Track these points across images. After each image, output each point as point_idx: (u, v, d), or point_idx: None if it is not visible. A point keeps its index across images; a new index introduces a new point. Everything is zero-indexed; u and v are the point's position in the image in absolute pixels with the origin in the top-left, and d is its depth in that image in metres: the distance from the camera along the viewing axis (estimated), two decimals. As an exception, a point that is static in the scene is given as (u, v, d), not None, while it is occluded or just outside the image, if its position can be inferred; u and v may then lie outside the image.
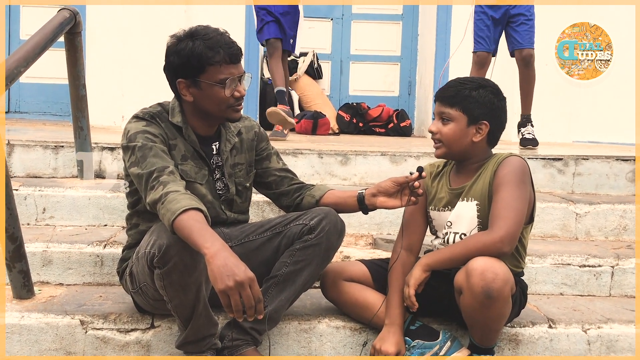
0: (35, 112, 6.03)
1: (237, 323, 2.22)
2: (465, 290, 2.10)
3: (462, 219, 2.27)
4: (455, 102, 2.24)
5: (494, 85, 2.29)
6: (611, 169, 3.65)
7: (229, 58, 2.15)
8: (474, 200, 2.26)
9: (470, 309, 2.12)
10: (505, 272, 2.08)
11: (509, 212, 2.15)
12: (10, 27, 6.01)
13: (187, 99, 2.22)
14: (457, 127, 2.25)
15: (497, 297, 2.06)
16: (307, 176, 3.49)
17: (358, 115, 6.13)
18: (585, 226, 3.26)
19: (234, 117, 2.26)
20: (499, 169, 2.23)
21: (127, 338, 2.32)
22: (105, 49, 5.39)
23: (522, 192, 2.19)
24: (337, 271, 2.40)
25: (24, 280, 2.44)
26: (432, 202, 2.38)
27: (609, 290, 2.84)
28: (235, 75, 2.18)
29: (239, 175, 2.39)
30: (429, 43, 6.26)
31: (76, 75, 3.12)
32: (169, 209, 1.95)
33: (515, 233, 2.15)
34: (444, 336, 2.29)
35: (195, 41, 2.15)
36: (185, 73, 2.18)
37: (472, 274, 2.07)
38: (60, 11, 2.86)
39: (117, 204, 3.05)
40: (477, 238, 2.17)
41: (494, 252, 2.11)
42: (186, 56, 2.15)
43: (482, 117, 2.24)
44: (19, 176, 3.36)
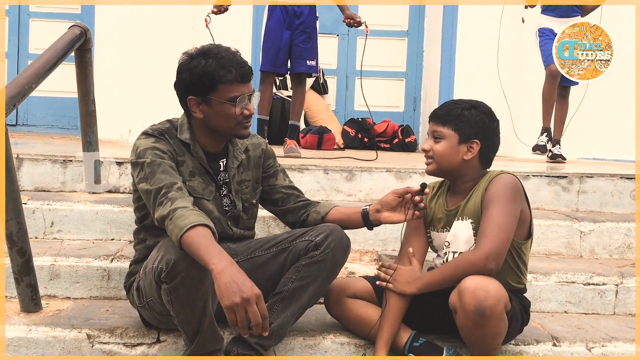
0: (43, 126, 6.08)
1: (243, 339, 2.24)
2: (459, 310, 2.12)
3: (458, 239, 2.30)
4: (447, 121, 2.28)
5: (486, 107, 2.34)
6: (615, 187, 3.66)
7: (240, 77, 2.19)
8: (468, 218, 2.29)
9: (465, 328, 2.14)
10: (497, 289, 2.09)
11: (494, 229, 2.16)
12: (20, 40, 6.07)
13: (197, 115, 2.25)
14: (448, 145, 2.28)
15: (491, 315, 2.07)
16: (312, 192, 3.51)
17: (363, 131, 6.15)
18: (589, 244, 3.27)
19: (242, 134, 2.29)
20: (490, 187, 2.25)
21: (133, 352, 2.33)
22: (112, 63, 5.44)
23: (511, 209, 2.20)
24: (341, 288, 2.42)
25: (32, 294, 2.47)
26: (430, 223, 2.41)
27: (613, 309, 2.85)
28: (246, 93, 2.21)
29: (246, 192, 2.41)
30: (434, 59, 6.30)
31: (86, 91, 3.16)
32: (177, 225, 1.97)
33: (500, 250, 2.16)
34: (447, 352, 2.31)
35: (207, 59, 2.18)
36: (196, 90, 2.21)
37: (464, 293, 2.09)
38: (71, 28, 2.90)
39: (125, 218, 3.07)
40: (464, 257, 2.19)
41: (481, 269, 2.13)
42: (198, 74, 2.18)
43: (473, 135, 2.28)
44: (28, 190, 3.39)
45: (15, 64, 6.05)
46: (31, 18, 6.07)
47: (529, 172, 3.70)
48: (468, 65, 5.96)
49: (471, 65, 5.94)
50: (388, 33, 6.65)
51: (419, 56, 6.65)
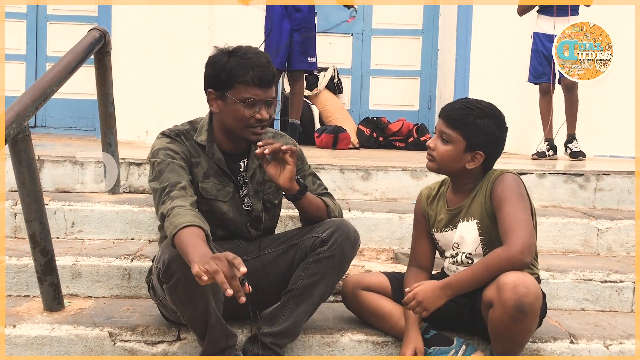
0: (62, 127, 6.16)
1: (258, 339, 2.27)
2: (497, 305, 2.12)
3: (466, 239, 2.33)
4: (458, 126, 2.28)
5: (499, 116, 2.31)
6: (633, 185, 3.64)
7: (257, 80, 2.19)
8: (473, 219, 2.31)
9: (500, 323, 2.13)
10: (536, 286, 2.12)
11: (519, 225, 2.17)
12: (38, 43, 6.15)
13: (213, 109, 2.28)
14: (453, 150, 2.29)
15: (529, 312, 2.08)
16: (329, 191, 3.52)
17: (378, 130, 6.16)
18: (606, 242, 3.26)
19: (250, 139, 2.26)
20: (495, 187, 2.26)
21: (154, 350, 2.37)
22: (130, 64, 5.48)
23: (524, 204, 2.23)
24: (356, 281, 2.47)
25: (55, 293, 2.51)
26: (433, 224, 2.43)
27: (631, 306, 2.84)
28: (261, 97, 2.21)
29: (268, 192, 2.42)
30: (449, 58, 6.30)
31: (105, 93, 3.20)
32: (172, 223, 2.00)
33: (531, 242, 2.17)
34: (458, 341, 2.34)
35: (231, 57, 2.21)
36: (215, 85, 2.24)
37: (504, 289, 2.09)
38: (90, 31, 2.94)
39: (144, 218, 3.12)
40: (496, 256, 2.18)
41: (518, 265, 2.13)
42: (218, 69, 2.21)
43: (479, 146, 2.28)
44: (49, 191, 3.44)
45: (33, 66, 6.13)
46: (49, 21, 6.14)
47: (545, 170, 3.70)
48: (483, 63, 5.94)
49: (486, 63, 5.92)
50: (402, 32, 6.66)
51: (433, 55, 6.65)
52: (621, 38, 4.91)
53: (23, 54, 6.13)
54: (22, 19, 6.11)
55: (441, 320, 2.34)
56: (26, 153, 2.35)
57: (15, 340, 2.34)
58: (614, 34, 4.60)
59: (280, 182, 2.24)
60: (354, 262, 2.75)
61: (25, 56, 6.14)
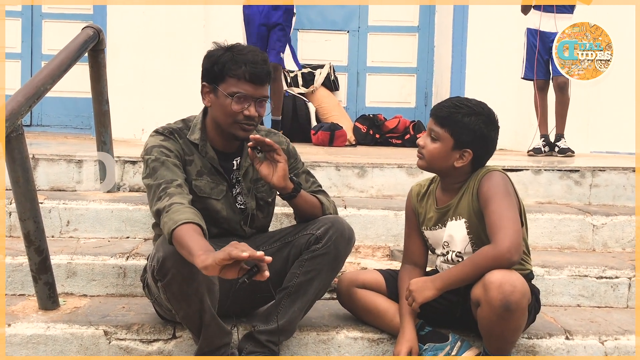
0: (57, 126, 6.16)
1: (254, 336, 2.27)
2: (483, 303, 2.12)
3: (455, 238, 2.33)
4: (446, 124, 2.28)
5: (488, 114, 2.31)
6: (628, 180, 3.65)
7: (248, 75, 2.18)
8: (461, 218, 2.31)
9: (488, 321, 2.14)
10: (522, 284, 2.11)
11: (506, 222, 2.17)
12: (33, 41, 6.14)
13: (205, 103, 2.28)
14: (442, 148, 2.29)
15: (515, 310, 2.09)
16: (324, 188, 3.51)
17: (375, 127, 6.17)
18: (602, 238, 3.26)
19: (238, 135, 2.25)
20: (482, 185, 2.27)
21: (149, 348, 2.37)
22: (125, 62, 5.49)
23: (511, 202, 2.23)
24: (351, 278, 2.47)
25: (50, 292, 2.50)
26: (423, 222, 2.44)
27: (627, 302, 2.84)
28: (250, 93, 2.20)
29: (261, 190, 2.42)
30: (445, 54, 6.30)
31: (99, 91, 3.20)
32: (171, 218, 2.00)
33: (518, 240, 2.17)
34: (453, 338, 2.34)
35: (226, 52, 2.21)
36: (208, 78, 2.24)
37: (489, 287, 2.09)
38: (84, 29, 2.94)
39: (139, 216, 3.11)
40: (484, 254, 2.18)
41: (505, 263, 2.13)
42: (212, 62, 2.22)
43: (467, 144, 2.28)
44: (44, 189, 3.44)
45: (29, 65, 6.12)
46: (44, 19, 6.13)
47: (541, 167, 3.70)
48: (479, 60, 5.95)
49: (483, 59, 5.93)
50: (398, 29, 6.66)
51: (429, 51, 6.64)
52: (621, 38, 4.91)
53: (18, 52, 6.13)
54: (17, 17, 6.11)
55: (435, 316, 2.34)
56: (20, 152, 2.33)
57: (11, 340, 2.34)
58: (613, 34, 4.60)
59: (274, 181, 2.24)
60: (349, 260, 2.76)
61: (21, 54, 6.14)
